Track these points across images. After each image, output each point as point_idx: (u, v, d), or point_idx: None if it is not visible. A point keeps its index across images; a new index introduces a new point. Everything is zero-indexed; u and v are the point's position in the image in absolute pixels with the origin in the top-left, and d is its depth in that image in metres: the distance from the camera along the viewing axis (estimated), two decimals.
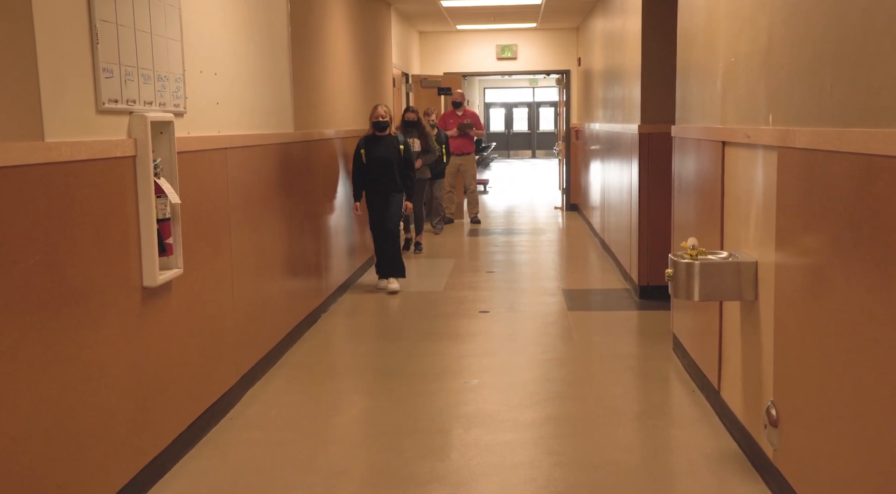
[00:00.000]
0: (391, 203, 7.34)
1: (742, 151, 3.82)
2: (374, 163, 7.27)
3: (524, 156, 32.74)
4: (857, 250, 2.56)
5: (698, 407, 4.41)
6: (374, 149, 7.30)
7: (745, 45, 3.77)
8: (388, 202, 7.33)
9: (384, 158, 7.28)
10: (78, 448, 2.97)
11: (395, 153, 7.33)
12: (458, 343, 5.84)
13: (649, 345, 5.67)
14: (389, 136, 7.37)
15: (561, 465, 3.74)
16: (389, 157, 7.29)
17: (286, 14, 5.68)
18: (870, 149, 2.43)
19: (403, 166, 7.39)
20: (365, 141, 7.37)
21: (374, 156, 7.27)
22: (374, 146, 7.32)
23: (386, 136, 7.35)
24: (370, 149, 7.31)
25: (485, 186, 17.92)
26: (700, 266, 3.69)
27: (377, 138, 7.34)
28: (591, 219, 11.00)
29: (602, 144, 9.75)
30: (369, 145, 7.33)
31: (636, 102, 6.97)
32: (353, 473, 3.72)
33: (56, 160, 2.82)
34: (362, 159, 7.29)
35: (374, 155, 7.28)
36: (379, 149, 7.31)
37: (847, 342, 2.65)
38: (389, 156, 7.30)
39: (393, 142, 7.37)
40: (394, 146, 7.35)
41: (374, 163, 7.27)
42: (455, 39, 13.90)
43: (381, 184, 7.32)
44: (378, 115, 7.28)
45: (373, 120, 7.32)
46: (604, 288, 7.59)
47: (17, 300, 2.62)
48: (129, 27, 3.36)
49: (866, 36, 2.51)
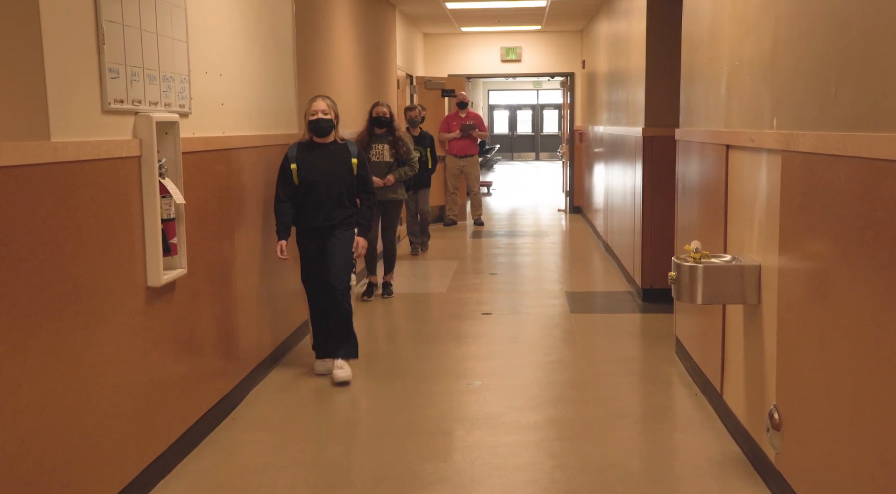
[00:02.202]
0: (336, 244, 4.99)
1: (746, 155, 3.82)
2: (311, 184, 4.95)
3: (528, 158, 32.74)
4: (861, 254, 2.56)
5: (701, 411, 4.41)
6: (310, 162, 4.96)
7: (749, 49, 3.77)
8: (330, 243, 4.99)
9: (326, 176, 4.96)
10: (82, 447, 2.98)
11: (342, 169, 5.01)
12: (460, 345, 5.85)
13: (652, 348, 5.67)
14: (336, 144, 5.03)
15: (563, 468, 3.74)
16: (334, 175, 4.98)
17: (291, 15, 5.69)
18: (874, 153, 2.43)
19: (356, 188, 5.11)
20: (297, 151, 5.00)
21: (310, 172, 4.95)
22: (312, 158, 4.96)
23: (330, 144, 5.01)
24: (305, 163, 4.95)
25: (488, 188, 17.93)
26: (703, 269, 3.69)
27: (315, 147, 5.00)
28: (595, 221, 11.00)
29: (606, 147, 9.75)
30: (304, 156, 4.97)
31: (640, 105, 6.97)
32: (356, 474, 3.72)
33: (62, 160, 2.83)
34: (292, 177, 4.96)
35: (310, 171, 4.95)
36: (318, 162, 4.96)
37: (850, 346, 2.65)
38: (334, 173, 4.98)
39: (340, 153, 5.03)
40: (341, 158, 5.02)
41: (311, 184, 4.95)
42: (459, 41, 13.91)
43: (320, 215, 4.97)
44: (314, 112, 4.95)
45: (308, 118, 4.98)
46: (607, 291, 7.59)
47: (22, 299, 2.63)
48: (136, 28, 3.37)
49: (871, 40, 2.51)
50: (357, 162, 5.07)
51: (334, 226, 4.99)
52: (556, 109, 30.63)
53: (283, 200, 4.96)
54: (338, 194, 5.00)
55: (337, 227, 5.00)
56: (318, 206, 4.97)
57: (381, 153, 7.00)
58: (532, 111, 32.80)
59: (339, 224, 5.01)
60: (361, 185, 5.13)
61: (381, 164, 6.97)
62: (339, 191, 4.99)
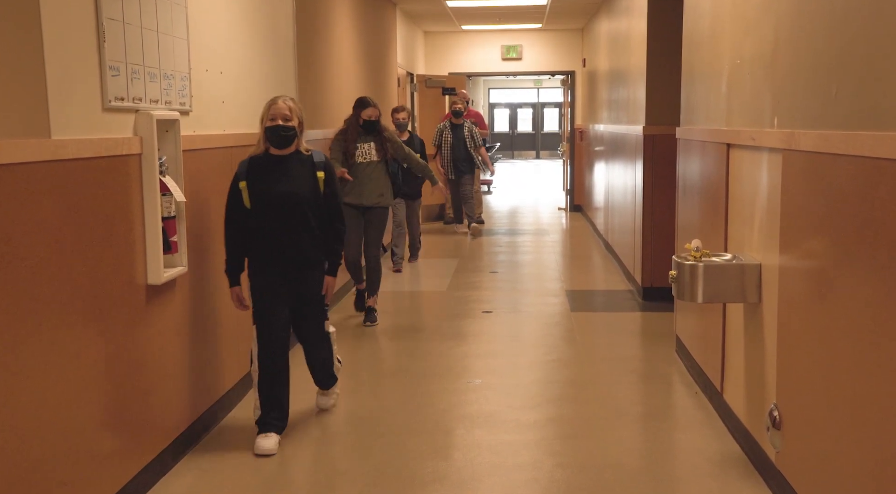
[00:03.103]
0: (305, 290, 4.04)
1: (747, 153, 3.82)
2: (267, 206, 3.91)
3: (528, 156, 32.72)
4: (862, 253, 2.56)
5: (701, 410, 4.41)
6: (265, 178, 3.91)
7: (750, 48, 3.77)
8: (295, 286, 4.01)
9: (286, 196, 3.91)
10: (82, 445, 2.98)
11: (307, 186, 3.95)
12: (461, 343, 5.85)
13: (652, 347, 5.67)
14: (299, 156, 3.98)
15: (563, 466, 3.74)
16: (297, 194, 3.92)
17: (291, 13, 5.69)
18: (876, 152, 2.43)
19: (324, 210, 4.02)
20: (248, 165, 3.94)
21: (265, 191, 3.90)
22: (267, 173, 3.92)
23: (292, 156, 3.96)
24: (258, 180, 3.91)
25: (488, 187, 17.92)
26: (704, 268, 3.69)
27: (273, 161, 3.94)
28: (595, 220, 11.00)
29: (606, 145, 9.75)
30: (257, 172, 3.92)
31: (641, 104, 6.97)
32: (356, 472, 3.72)
33: (62, 157, 2.83)
34: (243, 201, 3.91)
35: (265, 189, 3.90)
36: (276, 178, 3.92)
37: (851, 345, 2.64)
38: (297, 191, 3.92)
39: (304, 166, 3.97)
40: (305, 173, 3.96)
41: (267, 206, 3.91)
42: (460, 40, 13.90)
43: (279, 247, 3.94)
44: (274, 116, 3.89)
45: (266, 123, 3.91)
46: (607, 290, 7.59)
47: (22, 297, 2.63)
48: (136, 25, 3.36)
49: (872, 38, 2.51)
50: (324, 176, 3.99)
51: (302, 263, 3.99)
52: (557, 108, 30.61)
53: (234, 228, 3.94)
54: (301, 218, 3.92)
55: (305, 263, 4.00)
56: (276, 235, 3.90)
57: (368, 153, 6.13)
58: (532, 109, 32.78)
59: (305, 257, 3.99)
60: (330, 206, 4.03)
61: (368, 165, 6.11)
62: (302, 213, 3.92)
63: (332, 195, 4.05)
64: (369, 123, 6.08)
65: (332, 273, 4.13)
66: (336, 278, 4.18)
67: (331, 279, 4.13)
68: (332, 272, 4.13)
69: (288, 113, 3.89)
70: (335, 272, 4.15)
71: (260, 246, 3.95)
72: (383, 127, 6.24)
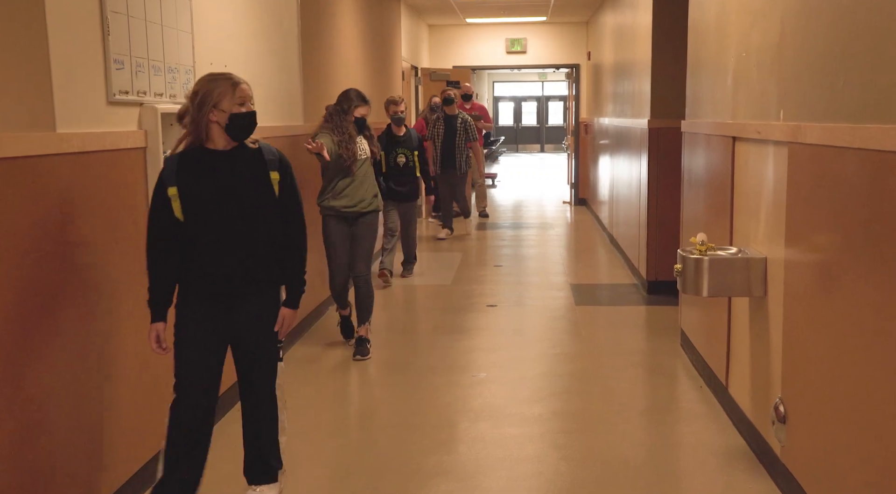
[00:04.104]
0: (252, 325, 3.11)
1: (752, 147, 3.81)
2: (206, 218, 3.01)
3: (533, 150, 32.69)
4: (868, 247, 2.55)
5: (706, 403, 4.40)
6: (201, 181, 3.00)
7: (756, 40, 3.75)
8: (238, 321, 3.09)
9: (232, 203, 3.01)
10: (88, 439, 2.99)
11: (259, 189, 3.07)
12: (465, 337, 5.85)
13: (657, 341, 5.66)
14: (244, 151, 3.07)
15: (567, 460, 3.74)
16: (246, 200, 3.04)
17: (296, 6, 5.68)
18: (883, 145, 2.42)
19: (279, 220, 3.11)
20: (177, 166, 3.00)
21: (202, 198, 3.00)
22: (203, 175, 3.00)
23: (235, 152, 3.05)
24: (193, 184, 2.99)
25: (493, 180, 17.90)
26: (709, 261, 3.68)
27: (209, 158, 3.02)
28: (600, 213, 10.98)
29: (611, 139, 9.73)
30: (189, 174, 2.99)
31: (646, 97, 6.95)
32: (361, 466, 3.73)
33: (67, 151, 2.83)
34: (172, 210, 2.99)
35: (202, 196, 3.00)
36: (217, 181, 3.01)
37: (856, 338, 2.64)
38: (246, 196, 3.04)
39: (252, 164, 3.07)
40: (255, 173, 3.07)
41: (206, 218, 3.01)
42: (464, 33, 13.88)
43: (223, 272, 3.04)
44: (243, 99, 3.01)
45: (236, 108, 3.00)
46: (612, 284, 7.58)
47: (27, 291, 2.63)
48: (140, 19, 3.36)
49: (879, 31, 2.49)
50: (280, 177, 3.09)
51: (250, 289, 3.07)
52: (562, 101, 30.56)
53: (160, 247, 3.00)
54: (252, 231, 3.03)
55: (255, 294, 3.08)
56: (218, 254, 3.00)
57: (362, 148, 5.36)
58: (537, 103, 32.73)
59: (259, 284, 3.09)
60: (284, 217, 3.11)
61: (364, 164, 5.35)
62: (253, 225, 3.03)
63: (291, 199, 3.13)
64: (361, 121, 5.30)
65: (292, 304, 3.14)
66: (294, 311, 3.16)
67: (290, 312, 3.14)
68: (292, 303, 3.14)
69: (251, 95, 3.08)
70: (297, 303, 3.15)
71: (194, 268, 3.01)
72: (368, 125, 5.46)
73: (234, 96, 2.99)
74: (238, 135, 3.04)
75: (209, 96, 2.97)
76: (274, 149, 3.18)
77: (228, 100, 2.98)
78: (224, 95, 2.98)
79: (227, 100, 2.98)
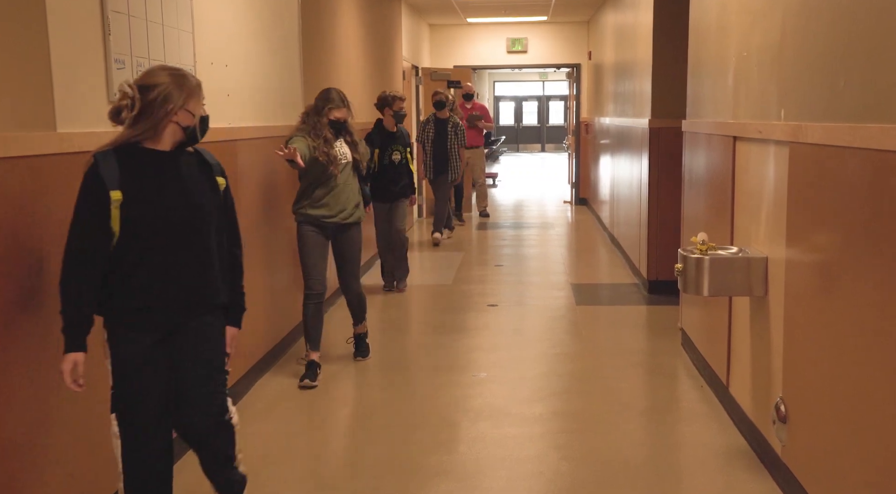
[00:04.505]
0: (201, 351, 2.77)
1: (753, 146, 3.81)
2: (154, 231, 2.62)
3: (534, 149, 32.68)
4: (869, 246, 2.55)
5: (706, 403, 4.40)
6: (149, 186, 2.63)
7: (757, 40, 3.75)
8: (185, 346, 2.75)
9: (189, 216, 2.69)
10: (89, 438, 2.98)
11: (208, 197, 2.76)
12: (466, 336, 5.85)
13: (658, 341, 5.66)
14: (183, 152, 2.74)
15: (568, 460, 3.74)
16: (200, 210, 2.72)
17: (297, 5, 5.68)
18: (883, 144, 2.42)
19: (223, 231, 2.83)
20: (119, 166, 2.59)
21: (151, 207, 2.62)
22: (150, 180, 2.64)
23: (175, 154, 2.71)
24: (140, 190, 2.61)
25: (494, 180, 17.90)
26: (710, 261, 3.68)
27: (150, 160, 2.66)
28: (601, 213, 10.98)
29: (612, 138, 9.72)
30: (134, 177, 2.61)
31: (647, 96, 6.95)
32: (362, 465, 3.73)
33: (68, 150, 2.83)
34: (108, 223, 2.57)
35: (151, 204, 2.62)
36: (165, 187, 2.66)
37: (857, 338, 2.64)
38: (200, 206, 2.73)
39: (197, 168, 2.78)
40: (202, 179, 2.77)
41: (154, 231, 2.62)
42: (465, 32, 13.87)
43: (167, 294, 2.67)
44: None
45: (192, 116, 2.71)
46: (612, 283, 7.58)
47: (29, 290, 2.63)
48: (141, 18, 3.36)
49: (880, 30, 2.49)
50: (225, 184, 2.83)
51: (200, 312, 2.71)
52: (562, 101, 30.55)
53: (86, 266, 2.54)
54: (206, 248, 2.70)
55: (205, 316, 2.73)
56: (168, 277, 2.62)
57: (342, 153, 4.88)
58: (538, 102, 32.73)
59: (211, 306, 2.75)
60: (228, 228, 2.85)
61: (345, 169, 4.86)
62: (208, 241, 2.70)
63: (232, 209, 2.89)
64: (338, 124, 4.81)
65: (236, 322, 2.89)
66: (238, 330, 2.92)
67: (235, 331, 2.89)
68: (236, 321, 2.89)
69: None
70: (240, 321, 2.92)
71: (134, 293, 2.59)
72: (350, 129, 4.92)
73: (200, 97, 2.73)
74: (195, 140, 2.73)
75: (174, 96, 2.63)
76: (211, 155, 2.84)
77: (196, 102, 2.70)
78: (192, 96, 2.69)
79: (194, 101, 2.70)
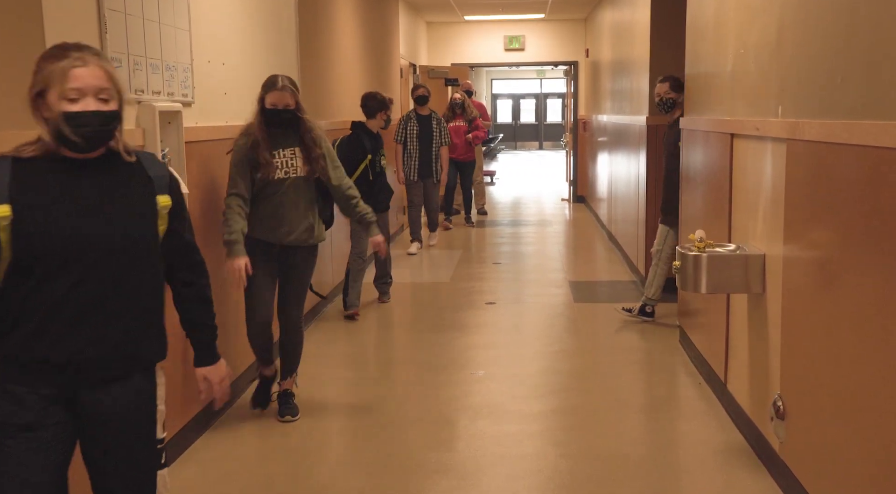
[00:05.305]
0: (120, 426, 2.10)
1: (751, 143, 3.81)
2: (53, 260, 1.97)
3: (531, 147, 32.67)
4: (867, 243, 2.55)
5: (705, 400, 4.41)
6: (49, 202, 1.98)
7: (754, 37, 3.75)
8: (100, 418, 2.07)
9: (101, 239, 2.01)
10: None
11: (140, 217, 2.11)
12: (464, 334, 5.85)
13: (656, 338, 5.67)
14: (118, 161, 2.09)
15: (567, 457, 3.74)
16: (124, 235, 2.05)
17: (294, 3, 5.67)
18: (881, 141, 2.42)
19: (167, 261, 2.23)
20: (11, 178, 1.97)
21: (51, 230, 1.97)
22: (53, 194, 1.99)
23: (103, 161, 2.06)
24: (34, 207, 1.97)
25: (491, 178, 17.89)
26: (707, 258, 3.68)
27: (64, 169, 2.01)
28: (598, 210, 10.98)
29: (610, 136, 9.73)
30: (32, 191, 1.98)
31: (644, 94, 6.94)
32: (361, 463, 3.73)
33: None
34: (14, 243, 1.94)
35: (51, 226, 1.97)
36: (75, 204, 2.00)
37: (855, 335, 2.64)
38: (127, 228, 2.06)
39: (130, 181, 2.10)
40: (135, 194, 2.10)
41: (53, 260, 1.97)
42: (463, 30, 13.87)
43: (84, 345, 2.01)
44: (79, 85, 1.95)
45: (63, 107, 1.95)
46: (610, 280, 7.58)
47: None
48: (138, 16, 3.36)
49: (878, 27, 2.49)
50: (172, 203, 2.19)
51: (124, 366, 2.12)
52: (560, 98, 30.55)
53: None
54: (133, 286, 2.10)
55: (128, 372, 2.12)
56: (76, 321, 2.02)
57: (290, 163, 3.94)
58: (535, 100, 32.71)
59: (138, 357, 2.15)
60: (182, 257, 2.29)
61: (291, 184, 3.95)
62: (135, 269, 2.10)
63: (188, 230, 2.29)
64: (275, 114, 3.86)
65: (212, 358, 2.38)
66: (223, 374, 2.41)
67: (213, 368, 2.38)
68: (211, 356, 2.38)
69: (106, 82, 2.02)
70: (210, 360, 2.38)
71: (28, 339, 2.00)
72: (307, 121, 3.95)
73: (64, 83, 1.95)
74: (76, 147, 2.00)
75: (36, 78, 1.99)
76: (163, 165, 2.21)
77: (57, 90, 1.95)
78: (52, 80, 1.96)
79: (55, 88, 1.96)
